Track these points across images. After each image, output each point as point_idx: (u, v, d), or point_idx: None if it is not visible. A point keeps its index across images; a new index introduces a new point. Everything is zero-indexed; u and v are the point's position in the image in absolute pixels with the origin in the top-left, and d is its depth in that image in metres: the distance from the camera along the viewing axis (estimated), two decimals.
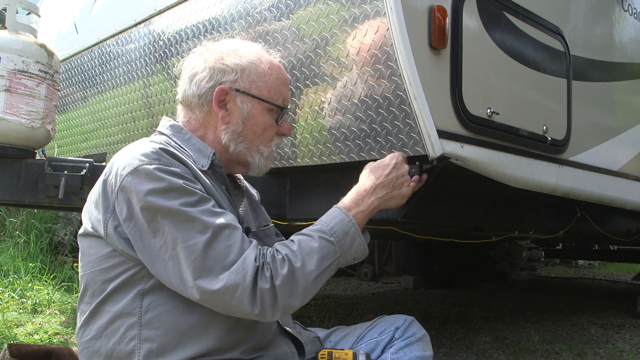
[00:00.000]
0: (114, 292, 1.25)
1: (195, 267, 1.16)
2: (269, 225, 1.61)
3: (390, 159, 1.48)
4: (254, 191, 1.67)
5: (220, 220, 1.20)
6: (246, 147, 1.41)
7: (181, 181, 1.21)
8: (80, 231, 1.34)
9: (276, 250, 1.25)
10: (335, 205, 1.38)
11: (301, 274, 1.22)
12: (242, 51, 1.42)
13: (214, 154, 1.37)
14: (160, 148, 1.26)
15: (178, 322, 1.22)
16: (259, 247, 1.24)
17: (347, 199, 1.39)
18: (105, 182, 1.27)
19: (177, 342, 1.21)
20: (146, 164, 1.21)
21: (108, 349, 1.24)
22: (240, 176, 1.59)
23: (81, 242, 1.34)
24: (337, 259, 1.29)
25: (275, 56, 1.49)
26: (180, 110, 1.46)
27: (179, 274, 1.18)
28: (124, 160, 1.25)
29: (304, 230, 1.32)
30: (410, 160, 1.69)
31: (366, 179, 1.44)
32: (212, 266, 1.17)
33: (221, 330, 1.24)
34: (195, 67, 1.42)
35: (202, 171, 1.31)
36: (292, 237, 1.31)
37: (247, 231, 1.44)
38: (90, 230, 1.29)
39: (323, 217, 1.34)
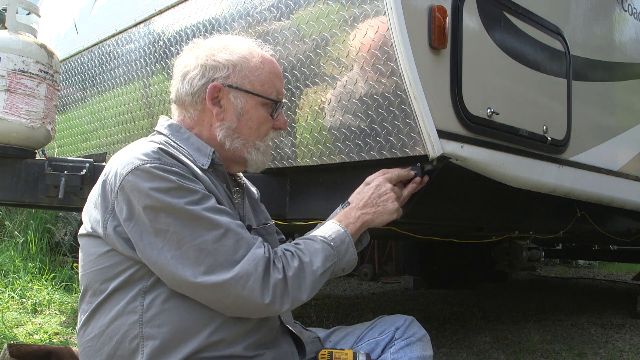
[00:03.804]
0: (115, 291, 1.25)
1: (206, 265, 1.18)
2: (269, 223, 1.61)
3: (371, 179, 1.57)
4: (254, 189, 1.67)
5: (226, 218, 1.24)
6: (242, 143, 1.41)
7: (182, 180, 1.22)
8: (81, 231, 1.34)
9: (285, 248, 1.32)
10: (328, 221, 1.46)
11: (309, 269, 1.28)
12: (232, 46, 1.42)
13: (213, 152, 1.37)
14: (159, 148, 1.26)
15: (180, 318, 1.22)
16: (265, 243, 1.29)
17: (338, 217, 1.48)
18: (104, 182, 1.27)
19: (180, 337, 1.22)
20: (147, 164, 1.21)
21: (110, 347, 1.24)
22: (240, 173, 1.58)
23: (81, 242, 1.34)
24: (335, 264, 1.35)
25: (267, 50, 1.50)
26: (174, 110, 1.46)
27: (183, 272, 1.18)
28: (124, 160, 1.24)
29: (306, 236, 1.39)
30: (410, 160, 1.70)
31: (352, 199, 1.53)
32: (222, 262, 1.19)
33: (223, 322, 1.24)
34: (186, 66, 1.41)
35: (202, 170, 1.32)
36: (296, 240, 1.38)
37: (248, 229, 1.44)
38: (90, 230, 1.29)
39: (319, 230, 1.41)
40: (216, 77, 1.38)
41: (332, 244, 1.35)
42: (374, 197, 1.50)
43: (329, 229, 1.40)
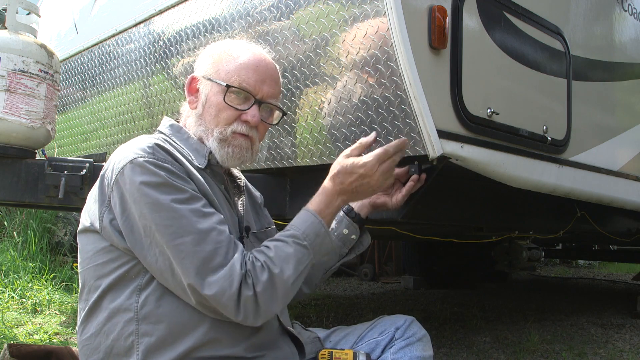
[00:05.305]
0: (110, 288, 1.26)
1: (184, 267, 1.18)
2: (270, 227, 1.61)
3: (360, 167, 1.40)
4: (257, 193, 1.67)
5: (209, 222, 1.22)
6: (203, 130, 1.41)
7: (172, 177, 1.23)
8: (79, 228, 1.35)
9: (255, 257, 1.25)
10: (304, 208, 1.38)
11: (280, 280, 1.24)
12: (226, 46, 1.45)
13: (210, 152, 1.38)
14: (155, 144, 1.28)
15: (176, 314, 1.23)
16: (244, 252, 1.25)
17: (315, 201, 1.39)
18: (102, 176, 1.30)
19: (176, 335, 1.22)
20: (141, 157, 1.23)
21: (107, 345, 1.25)
22: (240, 175, 1.59)
23: (79, 239, 1.35)
24: (311, 260, 1.31)
25: (268, 51, 1.50)
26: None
27: (170, 270, 1.20)
28: (121, 154, 1.27)
29: (277, 236, 1.33)
30: (409, 160, 1.70)
31: (333, 180, 1.41)
32: (198, 266, 1.18)
33: (217, 320, 1.25)
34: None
35: (199, 169, 1.33)
36: (266, 243, 1.31)
37: (246, 230, 1.44)
38: (88, 225, 1.31)
39: (294, 222, 1.35)
40: (197, 71, 1.45)
41: (305, 242, 1.30)
42: (356, 185, 1.40)
43: (303, 222, 1.34)
